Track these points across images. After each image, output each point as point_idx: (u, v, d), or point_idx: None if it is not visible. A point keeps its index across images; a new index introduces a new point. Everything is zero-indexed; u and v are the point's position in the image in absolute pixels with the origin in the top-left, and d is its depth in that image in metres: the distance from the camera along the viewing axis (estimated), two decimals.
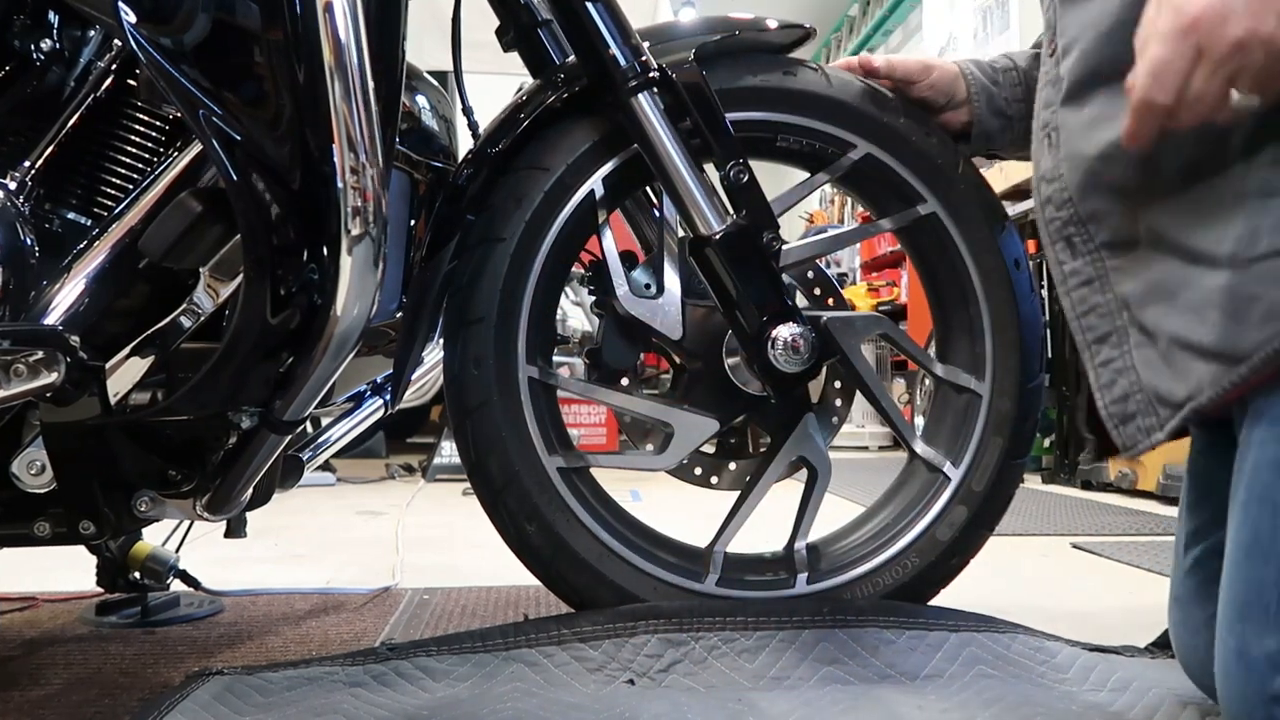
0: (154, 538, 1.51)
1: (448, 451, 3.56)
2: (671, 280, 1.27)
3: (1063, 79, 0.94)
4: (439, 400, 1.53)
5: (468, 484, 1.37)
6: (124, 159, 1.09)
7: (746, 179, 1.21)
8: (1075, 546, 2.29)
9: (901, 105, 1.31)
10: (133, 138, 1.09)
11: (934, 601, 1.34)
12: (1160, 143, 0.76)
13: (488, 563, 2.01)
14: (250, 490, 1.14)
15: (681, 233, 1.27)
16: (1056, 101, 0.95)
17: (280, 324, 1.02)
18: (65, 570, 1.77)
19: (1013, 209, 3.58)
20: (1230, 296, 0.75)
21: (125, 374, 1.03)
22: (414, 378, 1.52)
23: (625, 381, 1.33)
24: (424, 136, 1.38)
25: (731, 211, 1.21)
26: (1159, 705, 1.08)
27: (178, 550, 1.55)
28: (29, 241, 1.03)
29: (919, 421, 4.11)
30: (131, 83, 1.09)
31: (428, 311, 1.28)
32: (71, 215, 1.08)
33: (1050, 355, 3.42)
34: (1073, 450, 3.65)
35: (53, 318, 1.02)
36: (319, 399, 1.08)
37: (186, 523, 1.57)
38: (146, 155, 1.09)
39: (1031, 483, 3.74)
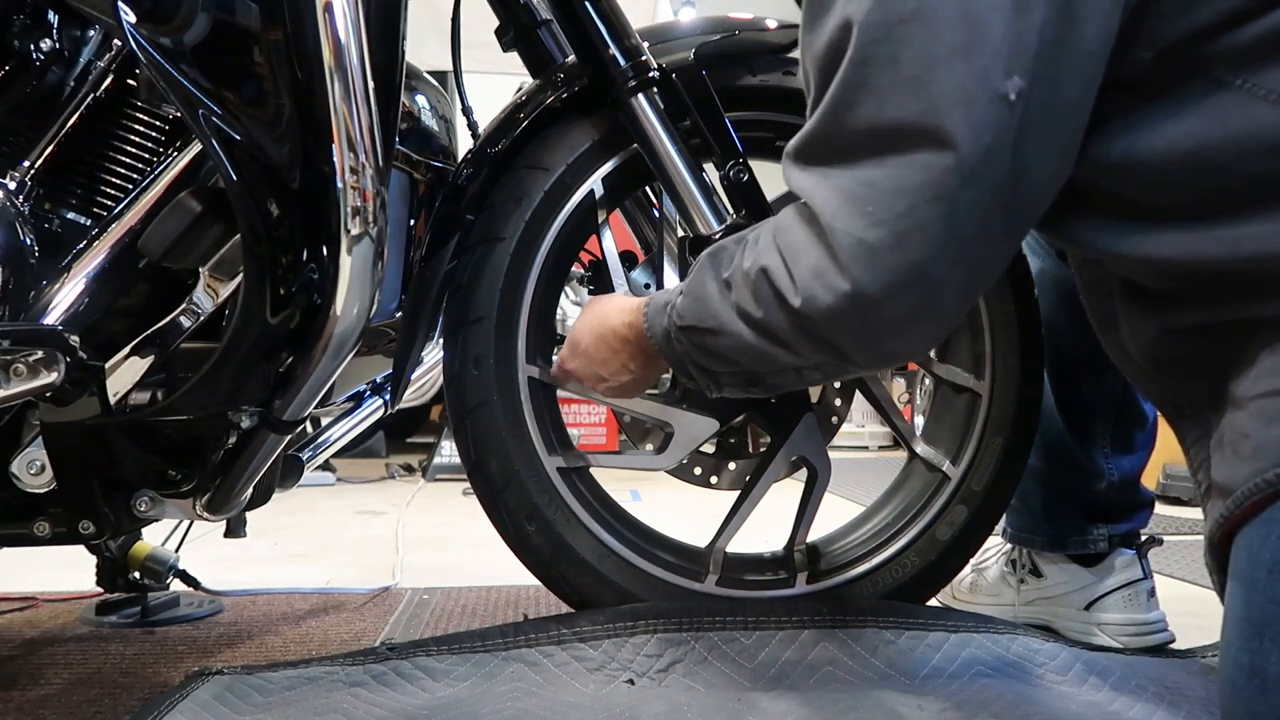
0: (154, 538, 1.51)
1: (448, 451, 3.55)
2: (671, 280, 1.27)
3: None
4: (439, 400, 1.53)
5: (468, 484, 1.37)
6: (124, 159, 1.09)
7: (746, 179, 1.21)
8: None
9: None
10: (133, 138, 1.09)
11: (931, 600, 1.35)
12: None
13: (488, 563, 2.01)
14: (250, 490, 1.14)
15: (681, 232, 1.27)
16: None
17: (280, 324, 1.02)
18: (65, 570, 1.77)
19: None
20: (1234, 434, 0.76)
21: (125, 374, 1.03)
22: (414, 378, 1.52)
23: None
24: (424, 136, 1.38)
25: (731, 211, 1.21)
26: (1157, 705, 1.08)
27: (178, 550, 1.55)
28: (29, 241, 1.03)
29: (919, 421, 4.11)
30: (131, 83, 1.09)
31: (428, 311, 1.28)
32: (71, 215, 1.08)
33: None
34: None
35: (53, 317, 1.02)
36: (319, 399, 1.08)
37: (186, 523, 1.57)
38: (146, 155, 1.09)
39: None
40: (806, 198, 0.84)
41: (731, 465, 1.34)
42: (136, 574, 1.48)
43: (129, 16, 0.94)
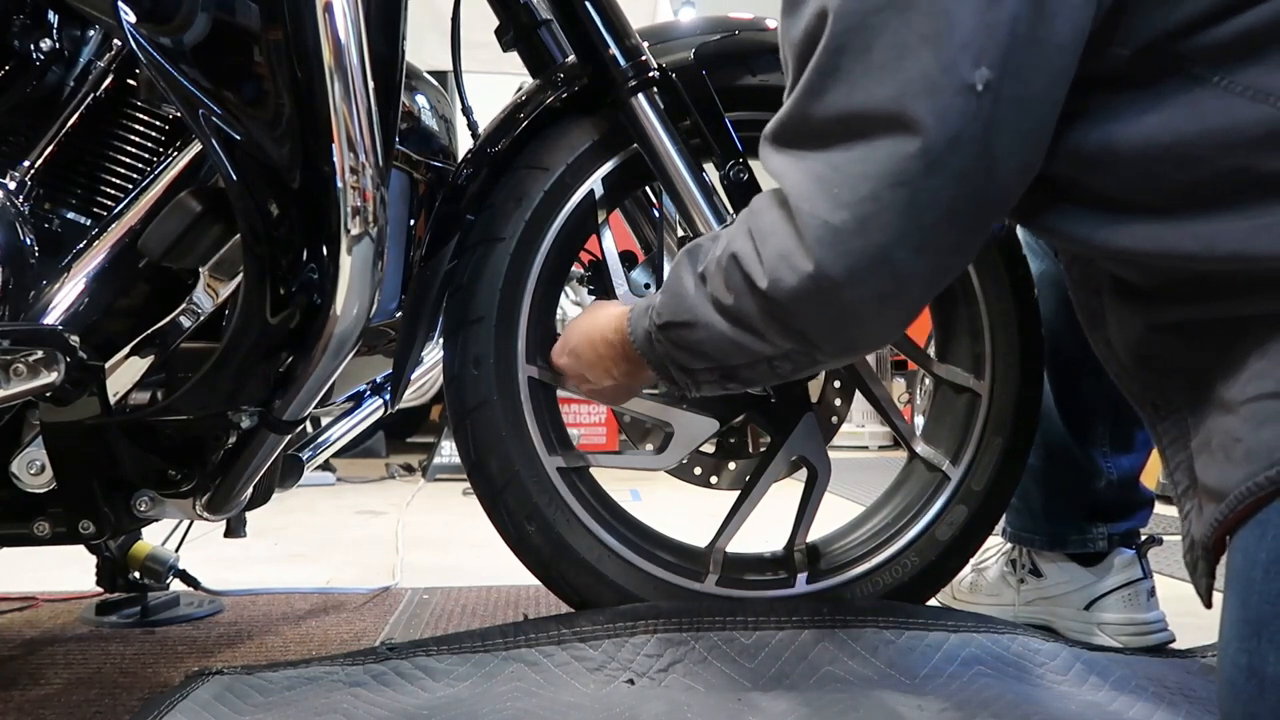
0: (154, 538, 1.51)
1: (448, 451, 3.56)
2: None
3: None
4: (439, 400, 1.53)
5: (468, 484, 1.37)
6: (124, 159, 1.09)
7: (746, 179, 1.21)
8: None
9: None
10: (133, 138, 1.09)
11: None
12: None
13: (488, 563, 2.01)
14: (250, 490, 1.14)
15: (681, 232, 1.27)
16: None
17: (280, 324, 1.02)
18: (65, 570, 1.78)
19: None
20: (1227, 438, 0.76)
21: (125, 374, 1.03)
22: (414, 377, 1.52)
23: None
24: (424, 136, 1.38)
25: (731, 211, 1.21)
26: (1157, 705, 1.08)
27: (178, 550, 1.55)
28: (29, 241, 1.03)
29: (919, 421, 4.11)
30: (131, 83, 1.09)
31: (427, 311, 1.28)
32: (71, 215, 1.08)
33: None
34: None
35: (53, 317, 1.02)
36: (319, 399, 1.08)
37: (186, 522, 1.57)
38: (146, 155, 1.09)
39: None
40: (779, 180, 0.84)
41: (731, 465, 1.35)
42: (136, 574, 1.48)
43: (129, 16, 0.94)
